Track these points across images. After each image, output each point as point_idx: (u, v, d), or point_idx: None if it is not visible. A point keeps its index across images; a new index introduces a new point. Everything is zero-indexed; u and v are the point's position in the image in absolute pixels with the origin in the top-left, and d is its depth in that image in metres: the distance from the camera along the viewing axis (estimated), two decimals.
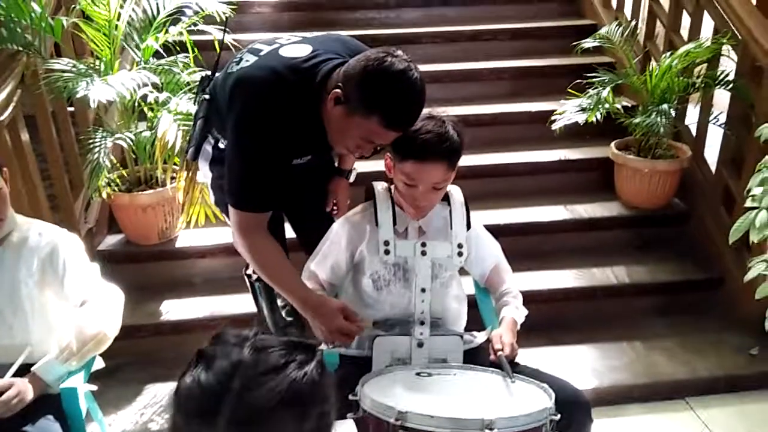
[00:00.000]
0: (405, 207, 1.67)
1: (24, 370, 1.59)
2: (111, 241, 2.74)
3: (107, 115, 2.64)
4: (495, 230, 2.75)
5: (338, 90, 1.49)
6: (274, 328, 2.11)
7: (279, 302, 2.08)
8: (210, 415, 0.72)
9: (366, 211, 1.74)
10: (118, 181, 2.64)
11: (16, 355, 1.60)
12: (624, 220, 2.90)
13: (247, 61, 1.64)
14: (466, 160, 3.08)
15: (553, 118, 2.84)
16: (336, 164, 2.00)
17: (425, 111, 1.60)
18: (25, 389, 1.54)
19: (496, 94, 3.50)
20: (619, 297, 2.67)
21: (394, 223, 1.67)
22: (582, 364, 2.40)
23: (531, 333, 2.43)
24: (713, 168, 2.82)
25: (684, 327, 2.55)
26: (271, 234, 1.96)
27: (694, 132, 2.95)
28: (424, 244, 1.67)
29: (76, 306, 1.70)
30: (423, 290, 1.66)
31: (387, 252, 1.65)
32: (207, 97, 1.77)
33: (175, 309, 2.55)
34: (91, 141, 2.32)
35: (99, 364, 1.82)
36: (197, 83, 1.97)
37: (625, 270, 2.71)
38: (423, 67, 3.73)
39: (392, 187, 1.72)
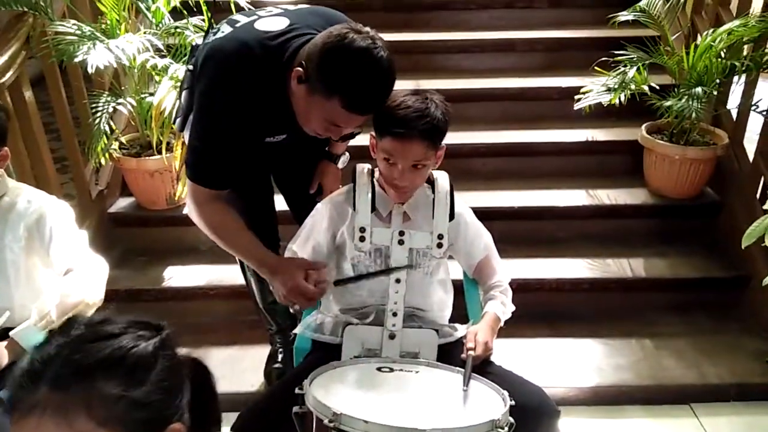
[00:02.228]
0: (387, 188, 1.59)
1: (3, 335, 1.62)
2: (122, 204, 2.78)
3: (126, 80, 2.64)
4: (508, 213, 2.69)
5: (300, 68, 1.42)
6: (262, 303, 2.10)
7: None
8: (34, 379, 0.73)
9: (349, 193, 1.67)
10: (125, 142, 2.65)
11: None
12: (649, 208, 2.73)
13: (222, 32, 1.58)
14: (488, 137, 3.01)
15: (577, 97, 2.67)
16: (327, 148, 1.93)
17: (410, 86, 1.51)
18: (0, 354, 1.57)
19: (528, 66, 3.34)
20: (633, 291, 2.52)
21: (373, 208, 1.60)
22: (584, 360, 2.29)
23: (534, 323, 2.37)
24: (752, 158, 2.61)
25: (700, 328, 2.40)
26: (261, 207, 1.95)
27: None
28: (402, 233, 1.59)
29: (60, 274, 1.72)
30: (398, 281, 1.59)
31: (362, 239, 1.59)
32: (190, 67, 1.73)
33: (178, 275, 2.57)
34: (94, 105, 2.32)
35: None
36: None
37: (643, 263, 2.56)
38: (452, 35, 3.67)
39: (376, 170, 1.65)
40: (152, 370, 0.76)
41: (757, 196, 2.54)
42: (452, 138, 1.57)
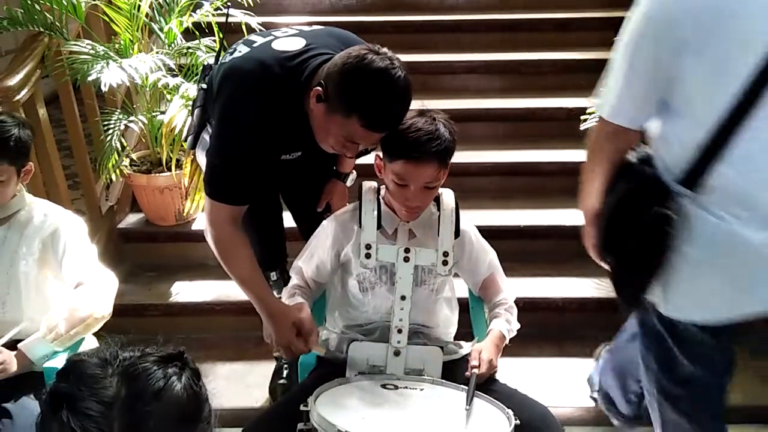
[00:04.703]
0: (396, 208, 1.61)
1: (12, 347, 1.63)
2: (131, 219, 2.81)
3: (137, 98, 2.69)
4: (514, 231, 2.69)
5: (319, 88, 1.45)
6: None
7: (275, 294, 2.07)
8: None
9: (354, 211, 1.69)
10: (135, 159, 2.69)
11: (6, 331, 1.65)
12: None
13: (239, 52, 1.62)
14: (494, 156, 3.02)
15: (584, 117, 2.68)
16: (335, 167, 1.95)
17: (416, 106, 1.53)
18: (10, 360, 1.59)
19: (535, 87, 3.35)
20: None
21: (379, 226, 1.62)
22: None
23: (540, 342, 2.36)
24: None
25: None
26: (270, 223, 1.97)
27: None
28: (407, 250, 1.60)
29: (71, 287, 1.74)
30: (403, 297, 1.60)
31: (368, 256, 1.60)
32: (204, 86, 1.76)
33: (185, 291, 2.58)
34: (106, 123, 2.37)
35: (90, 344, 1.85)
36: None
37: None
38: (459, 56, 3.67)
39: (382, 187, 1.66)
40: (204, 403, 0.75)
41: None
42: (459, 157, 1.59)
